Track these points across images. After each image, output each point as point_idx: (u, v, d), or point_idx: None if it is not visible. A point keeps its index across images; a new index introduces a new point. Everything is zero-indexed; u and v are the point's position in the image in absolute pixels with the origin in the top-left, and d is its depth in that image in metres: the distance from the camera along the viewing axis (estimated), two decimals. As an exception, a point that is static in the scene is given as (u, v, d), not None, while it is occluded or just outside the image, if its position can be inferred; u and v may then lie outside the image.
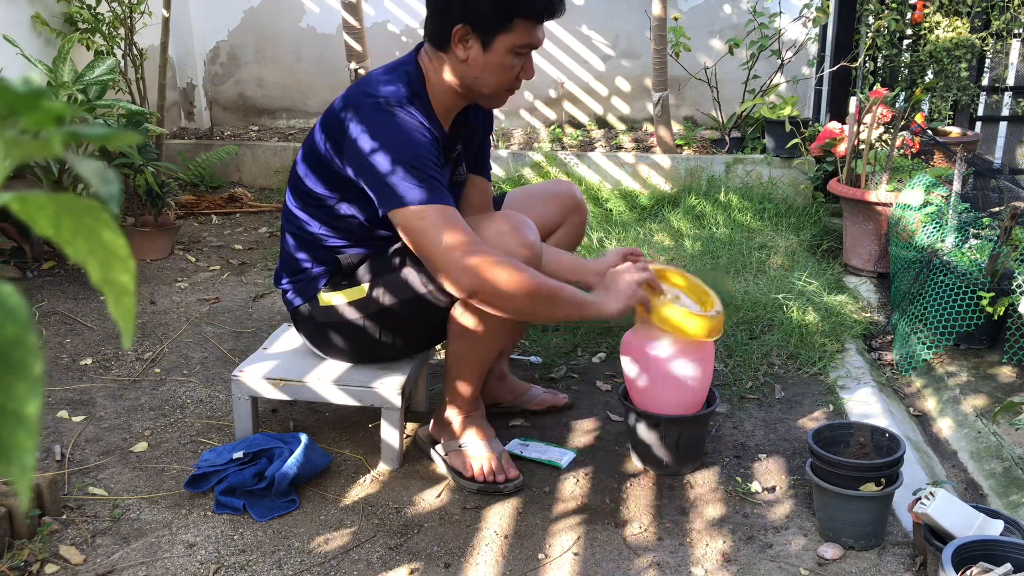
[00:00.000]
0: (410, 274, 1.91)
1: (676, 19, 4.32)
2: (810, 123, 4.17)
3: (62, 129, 0.44)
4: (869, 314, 2.96)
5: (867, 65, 4.07)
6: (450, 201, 1.76)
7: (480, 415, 2.07)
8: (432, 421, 2.13)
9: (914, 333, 2.53)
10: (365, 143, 1.77)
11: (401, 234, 1.78)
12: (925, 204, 2.80)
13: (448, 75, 1.86)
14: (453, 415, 2.04)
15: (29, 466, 0.41)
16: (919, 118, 3.56)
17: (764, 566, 1.72)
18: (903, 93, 3.80)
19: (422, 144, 1.76)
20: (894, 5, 3.92)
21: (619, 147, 4.45)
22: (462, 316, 1.91)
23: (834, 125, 3.60)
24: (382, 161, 1.75)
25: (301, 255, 2.00)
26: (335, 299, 1.98)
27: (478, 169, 2.12)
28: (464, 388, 2.00)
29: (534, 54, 1.88)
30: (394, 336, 2.00)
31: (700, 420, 2.02)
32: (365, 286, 1.95)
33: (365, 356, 2.07)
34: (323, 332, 2.03)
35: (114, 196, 0.44)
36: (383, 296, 1.93)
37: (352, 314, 1.97)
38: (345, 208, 1.91)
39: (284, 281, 2.06)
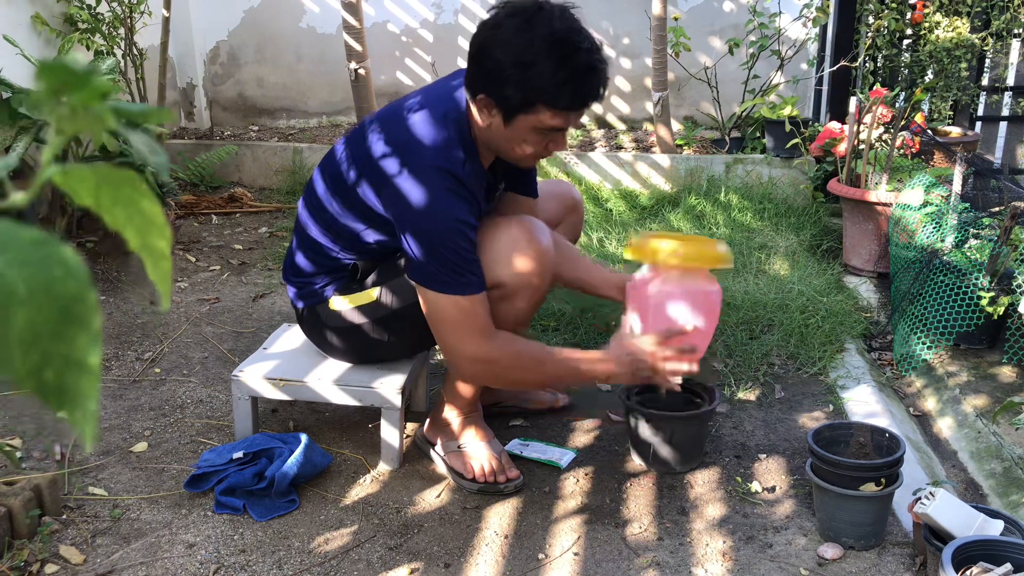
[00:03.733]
0: None
1: (676, 19, 4.32)
2: (810, 123, 4.16)
3: (106, 105, 0.46)
4: (869, 314, 2.96)
5: (867, 65, 4.07)
6: (473, 288, 1.74)
7: (479, 416, 2.07)
8: (428, 422, 2.13)
9: (914, 333, 2.53)
10: (404, 206, 1.74)
11: (420, 300, 1.81)
12: (925, 204, 2.80)
13: (477, 129, 1.80)
14: (452, 416, 2.04)
15: (92, 411, 0.44)
16: (919, 118, 3.56)
17: (764, 566, 1.72)
18: (903, 93, 3.80)
19: (459, 231, 1.72)
20: (894, 5, 3.92)
21: (619, 147, 4.45)
22: None
23: (834, 125, 3.60)
24: (418, 234, 1.73)
25: (314, 268, 1.99)
26: (343, 304, 1.97)
27: (523, 190, 2.07)
28: (465, 389, 2.01)
29: None
30: (399, 337, 2.00)
31: (696, 419, 2.02)
32: (374, 291, 1.94)
33: (368, 357, 2.08)
34: (327, 334, 2.03)
35: (163, 166, 0.46)
36: (390, 300, 1.93)
37: (358, 318, 1.97)
38: (372, 236, 1.89)
39: (291, 282, 2.05)
